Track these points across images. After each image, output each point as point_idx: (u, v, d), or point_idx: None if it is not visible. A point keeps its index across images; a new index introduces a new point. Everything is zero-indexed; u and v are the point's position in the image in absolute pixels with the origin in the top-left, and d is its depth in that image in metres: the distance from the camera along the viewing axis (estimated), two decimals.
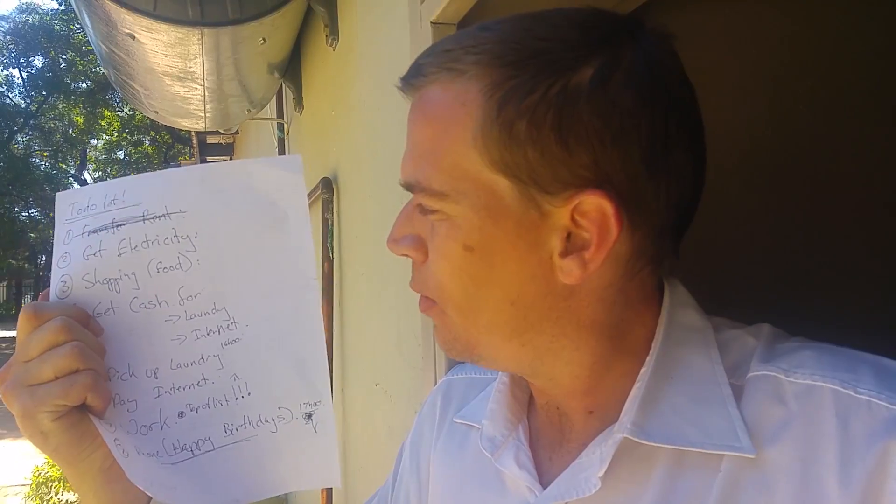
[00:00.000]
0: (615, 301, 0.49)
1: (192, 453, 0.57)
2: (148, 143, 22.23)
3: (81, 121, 22.91)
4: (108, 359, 0.56)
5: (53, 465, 4.17)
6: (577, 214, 0.45)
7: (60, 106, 22.77)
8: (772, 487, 0.41)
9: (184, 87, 2.08)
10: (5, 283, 32.98)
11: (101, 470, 0.55)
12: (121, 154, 24.80)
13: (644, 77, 0.44)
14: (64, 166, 26.25)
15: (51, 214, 25.23)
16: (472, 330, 0.50)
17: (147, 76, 1.99)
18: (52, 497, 4.11)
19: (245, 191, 0.60)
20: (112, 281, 0.57)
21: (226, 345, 0.59)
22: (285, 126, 3.05)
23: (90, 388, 0.52)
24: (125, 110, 22.24)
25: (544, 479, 0.51)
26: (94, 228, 0.57)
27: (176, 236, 0.58)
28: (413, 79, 0.49)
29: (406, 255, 0.52)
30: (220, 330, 0.59)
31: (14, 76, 23.37)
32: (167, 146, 21.21)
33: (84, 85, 22.17)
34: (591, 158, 0.43)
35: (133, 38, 1.66)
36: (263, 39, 1.80)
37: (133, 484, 0.54)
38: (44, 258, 32.64)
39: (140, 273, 0.57)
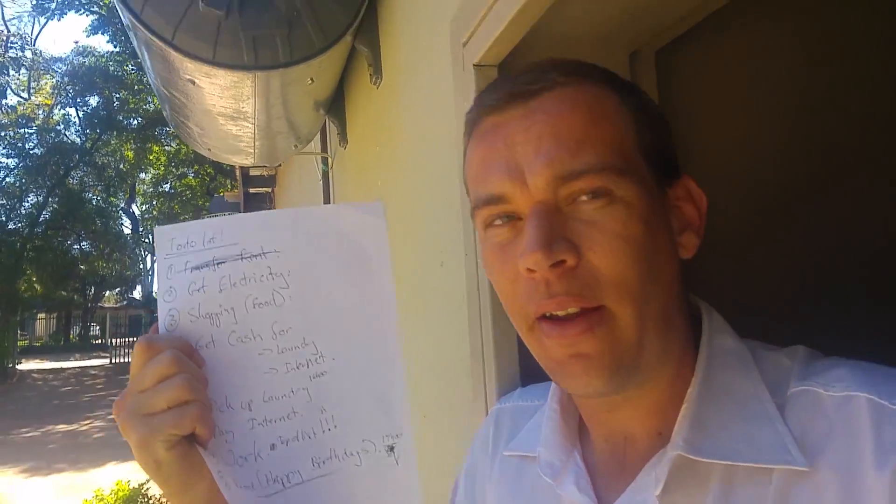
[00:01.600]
0: (680, 291, 0.54)
1: (283, 486, 0.59)
2: (192, 175, 22.98)
3: (132, 156, 23.83)
4: (208, 390, 0.58)
5: (102, 500, 4.27)
6: (675, 197, 0.53)
7: (113, 142, 23.80)
8: (822, 494, 0.44)
9: (236, 125, 2.19)
10: (55, 315, 33.93)
11: (204, 499, 0.56)
12: (166, 187, 25.65)
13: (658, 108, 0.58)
14: (114, 200, 27.26)
15: (102, 247, 26.26)
16: (641, 326, 0.49)
17: (203, 117, 2.12)
18: None
19: (333, 233, 0.63)
20: (213, 315, 0.60)
21: (314, 378, 0.61)
22: (329, 160, 3.16)
23: (199, 418, 0.54)
24: (172, 145, 23.10)
25: (603, 500, 0.53)
26: (196, 265, 0.60)
27: (271, 274, 0.61)
28: (533, 84, 0.52)
29: (562, 261, 0.49)
30: (309, 363, 0.61)
31: (71, 115, 24.58)
32: (210, 178, 21.87)
33: (135, 122, 23.13)
34: (673, 153, 0.54)
35: (193, 83, 1.78)
36: (311, 80, 1.91)
37: None
38: (92, 289, 33.65)
39: (238, 308, 0.60)
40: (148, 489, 4.39)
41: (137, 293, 39.09)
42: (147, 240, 32.89)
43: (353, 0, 1.80)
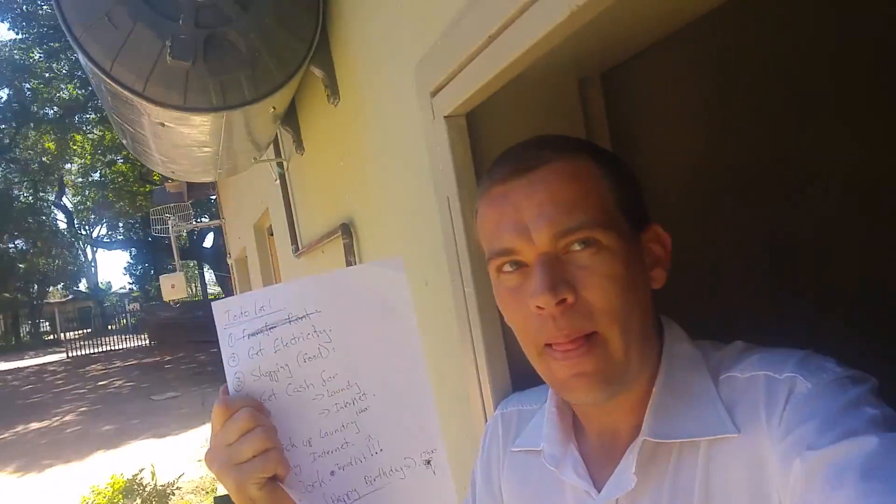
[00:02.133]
0: (651, 312, 0.68)
1: (346, 503, 0.71)
2: (121, 161, 22.05)
3: (53, 147, 22.67)
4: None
5: (99, 493, 4.36)
6: (649, 240, 0.67)
7: (32, 135, 22.52)
8: (738, 450, 0.58)
9: (201, 152, 2.26)
10: (1, 316, 32.84)
11: None
12: (97, 175, 24.59)
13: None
14: (44, 195, 26.01)
15: (39, 244, 25.27)
16: (628, 346, 0.63)
17: (170, 150, 2.18)
18: None
19: (363, 290, 0.74)
20: (272, 373, 0.70)
21: (359, 413, 0.72)
22: (285, 163, 3.24)
23: (279, 461, 0.65)
24: (95, 132, 22.03)
25: (597, 486, 0.66)
26: (252, 332, 0.69)
27: (315, 332, 0.71)
28: (531, 161, 0.65)
29: (564, 300, 0.61)
30: (354, 402, 0.72)
31: None
32: (141, 163, 21.06)
33: (52, 112, 21.93)
34: (642, 204, 0.68)
35: (163, 125, 1.85)
36: (273, 108, 1.99)
37: None
38: (35, 287, 32.34)
39: (291, 364, 0.70)
40: (142, 479, 4.49)
41: (83, 285, 37.93)
42: (84, 231, 31.72)
43: (307, 31, 1.89)
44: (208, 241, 23.03)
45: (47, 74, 20.99)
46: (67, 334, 27.34)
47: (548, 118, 1.24)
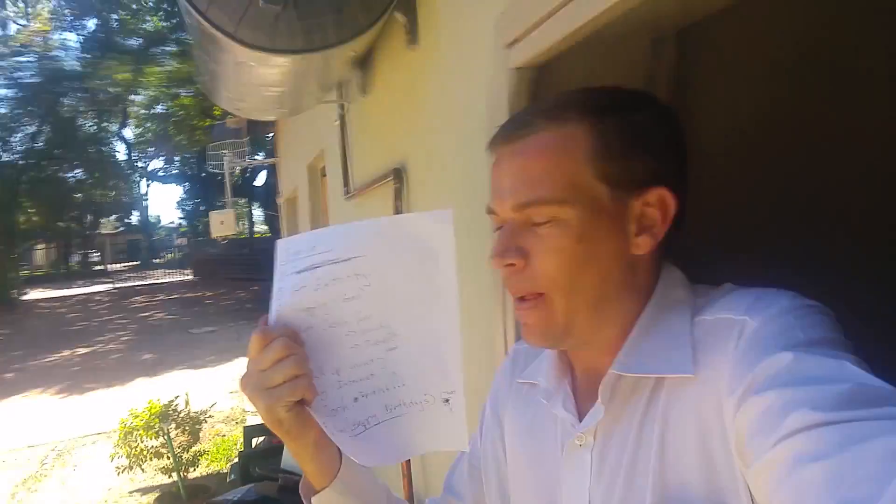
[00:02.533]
0: (654, 270, 0.70)
1: (365, 427, 0.75)
2: (185, 94, 22.32)
3: (129, 76, 22.94)
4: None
5: (137, 416, 4.60)
6: (646, 203, 0.66)
7: (112, 65, 22.88)
8: (697, 390, 0.61)
9: (268, 91, 2.37)
10: (54, 245, 34.01)
11: (313, 443, 0.74)
12: (160, 108, 24.96)
13: (668, 122, 0.69)
14: (106, 125, 26.52)
15: (96, 174, 25.80)
16: (570, 310, 0.67)
17: (244, 88, 2.29)
18: (137, 444, 4.59)
19: (409, 238, 0.75)
20: (310, 309, 0.73)
21: (388, 350, 0.76)
22: (346, 105, 3.32)
23: (307, 387, 0.69)
24: (171, 63, 22.26)
25: (582, 416, 0.70)
26: (298, 270, 0.73)
27: (356, 275, 0.74)
28: (520, 129, 0.68)
29: (511, 264, 0.67)
30: (385, 340, 0.76)
31: (69, 40, 23.51)
32: (204, 97, 21.26)
33: (135, 43, 22.12)
34: (656, 164, 0.67)
35: (244, 64, 1.95)
36: (354, 52, 2.08)
37: (333, 449, 0.76)
38: (89, 217, 33.25)
39: (329, 303, 0.73)
40: (177, 405, 4.75)
41: (134, 218, 39.12)
42: (141, 164, 32.51)
43: None
44: (260, 180, 23.39)
45: (134, 6, 21.16)
46: (115, 266, 28.24)
47: (616, 76, 1.24)
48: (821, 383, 0.50)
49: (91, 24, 22.60)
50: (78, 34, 23.22)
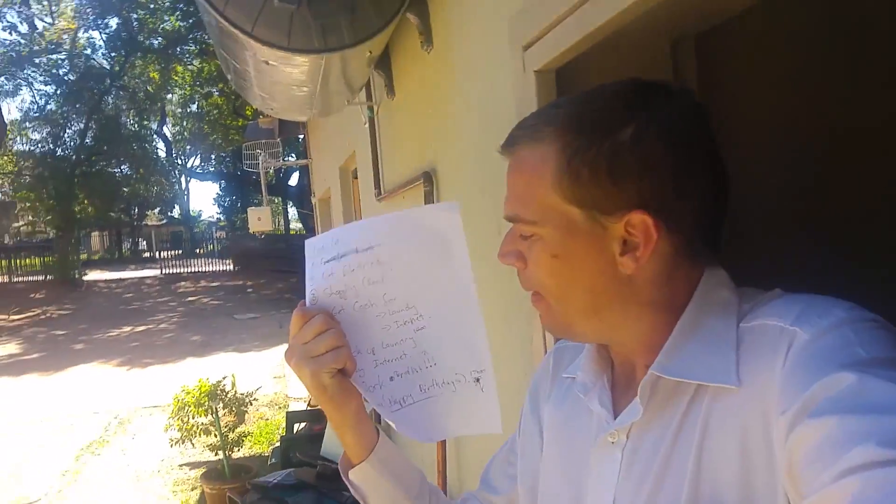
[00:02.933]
0: (664, 285, 0.66)
1: (402, 405, 0.80)
2: (217, 94, 22.90)
3: (157, 76, 23.78)
4: None
5: (189, 393, 4.74)
6: (628, 227, 0.63)
7: (139, 64, 23.66)
8: (741, 401, 0.58)
9: (300, 91, 2.37)
10: (107, 233, 35.65)
11: (354, 413, 0.78)
12: (194, 107, 25.71)
13: (669, 131, 0.63)
14: (147, 123, 27.48)
15: (140, 171, 27.05)
16: (566, 314, 0.69)
17: (271, 87, 2.30)
18: (188, 420, 4.73)
19: (421, 228, 0.81)
20: (341, 292, 0.79)
21: (416, 331, 0.80)
22: (375, 107, 3.33)
23: (348, 356, 0.75)
24: (195, 63, 22.91)
25: (617, 414, 0.70)
26: (326, 259, 0.79)
27: (378, 262, 0.79)
28: (509, 146, 0.70)
29: (512, 265, 0.71)
30: (412, 321, 0.80)
31: (95, 38, 24.52)
32: (236, 96, 21.82)
33: (156, 42, 22.89)
34: (634, 189, 0.62)
35: (267, 63, 1.96)
36: (370, 52, 2.07)
37: (370, 427, 0.80)
38: (136, 209, 34.63)
39: (358, 286, 0.79)
40: (224, 386, 4.87)
41: (176, 212, 40.31)
42: (180, 161, 33.41)
43: None
44: (293, 180, 23.81)
45: (152, 5, 21.86)
46: (161, 253, 29.30)
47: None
48: (889, 413, 0.45)
49: (113, 23, 23.24)
50: (101, 33, 23.95)
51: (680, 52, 1.40)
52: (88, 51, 24.23)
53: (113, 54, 23.55)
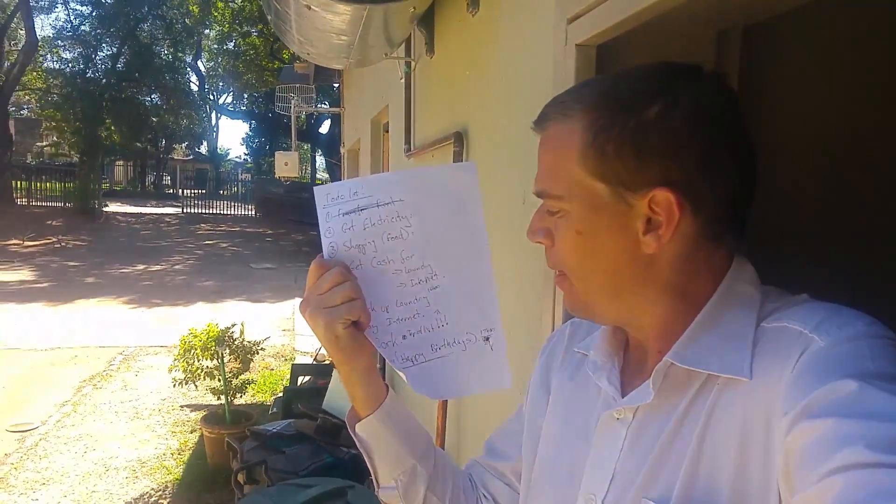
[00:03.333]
0: (684, 268, 0.67)
1: (414, 363, 0.81)
2: (255, 34, 22.74)
3: (196, 10, 23.60)
4: None
5: (196, 336, 4.82)
6: (652, 204, 0.63)
7: None
8: (748, 396, 0.59)
9: (338, 39, 2.37)
10: (131, 163, 35.64)
11: (364, 367, 0.79)
12: (231, 45, 25.55)
13: (695, 112, 0.63)
14: (181, 55, 27.30)
15: (171, 102, 26.93)
16: (587, 292, 0.70)
17: (310, 31, 2.30)
18: (194, 363, 4.81)
19: (440, 186, 0.82)
20: (360, 246, 0.79)
21: (431, 290, 0.81)
22: (413, 64, 3.31)
23: (363, 308, 0.76)
24: (235, 1, 22.70)
25: (625, 394, 0.71)
26: (345, 211, 0.79)
27: (398, 216, 0.79)
28: (541, 123, 0.71)
29: (540, 242, 0.71)
30: (427, 279, 0.81)
31: None
32: (274, 39, 21.68)
33: None
34: (659, 167, 0.63)
35: (309, 8, 1.95)
36: (414, 8, 2.05)
37: (379, 381, 0.81)
38: (163, 141, 34.45)
39: (377, 241, 0.79)
40: (233, 333, 4.94)
41: (203, 148, 40.34)
42: (212, 97, 33.34)
43: None
44: (324, 128, 23.68)
45: None
46: (184, 191, 29.50)
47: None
48: (882, 420, 0.47)
49: None
50: None
51: (725, 44, 1.38)
52: None
53: None
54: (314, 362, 5.88)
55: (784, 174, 1.33)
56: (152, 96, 26.45)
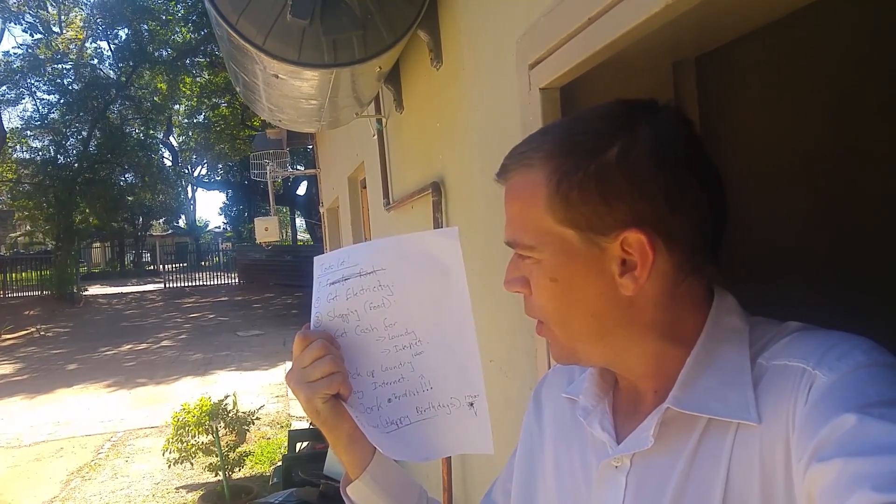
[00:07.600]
0: (667, 305, 0.66)
1: (398, 426, 0.82)
2: (224, 106, 23.05)
3: (165, 87, 23.92)
4: (345, 364, 0.81)
5: (189, 413, 4.73)
6: (625, 246, 0.63)
7: (146, 75, 23.79)
8: (762, 440, 0.58)
9: (308, 104, 2.42)
10: (109, 244, 35.54)
11: (348, 435, 0.80)
12: (201, 118, 25.85)
13: (656, 147, 0.62)
14: (153, 133, 27.56)
15: (146, 179, 27.05)
16: (569, 339, 0.69)
17: (280, 99, 2.35)
18: (188, 440, 4.70)
19: (422, 253, 0.83)
20: (343, 315, 0.82)
21: (415, 355, 0.83)
22: (384, 120, 3.37)
23: (342, 383, 0.77)
24: (203, 75, 23.08)
25: (620, 438, 0.70)
26: (331, 281, 0.82)
27: (380, 285, 0.82)
28: (503, 174, 0.71)
29: (518, 291, 0.71)
30: (411, 346, 0.83)
31: (103, 49, 24.68)
32: (242, 108, 21.98)
33: (165, 53, 23.07)
34: (626, 208, 0.62)
35: (277, 77, 2.00)
36: (380, 67, 2.11)
37: (366, 444, 0.81)
38: (140, 219, 34.56)
39: (360, 310, 0.82)
40: (227, 405, 4.85)
41: (182, 222, 40.39)
42: (186, 170, 33.51)
43: None
44: (301, 190, 23.89)
45: (164, 17, 22.06)
46: (166, 266, 29.40)
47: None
48: (885, 453, 0.47)
49: (123, 33, 23.35)
50: (110, 43, 24.00)
51: (680, 73, 1.44)
52: (95, 61, 24.27)
53: (120, 65, 23.62)
54: (311, 426, 5.80)
55: (745, 196, 1.37)
56: (126, 175, 26.53)
